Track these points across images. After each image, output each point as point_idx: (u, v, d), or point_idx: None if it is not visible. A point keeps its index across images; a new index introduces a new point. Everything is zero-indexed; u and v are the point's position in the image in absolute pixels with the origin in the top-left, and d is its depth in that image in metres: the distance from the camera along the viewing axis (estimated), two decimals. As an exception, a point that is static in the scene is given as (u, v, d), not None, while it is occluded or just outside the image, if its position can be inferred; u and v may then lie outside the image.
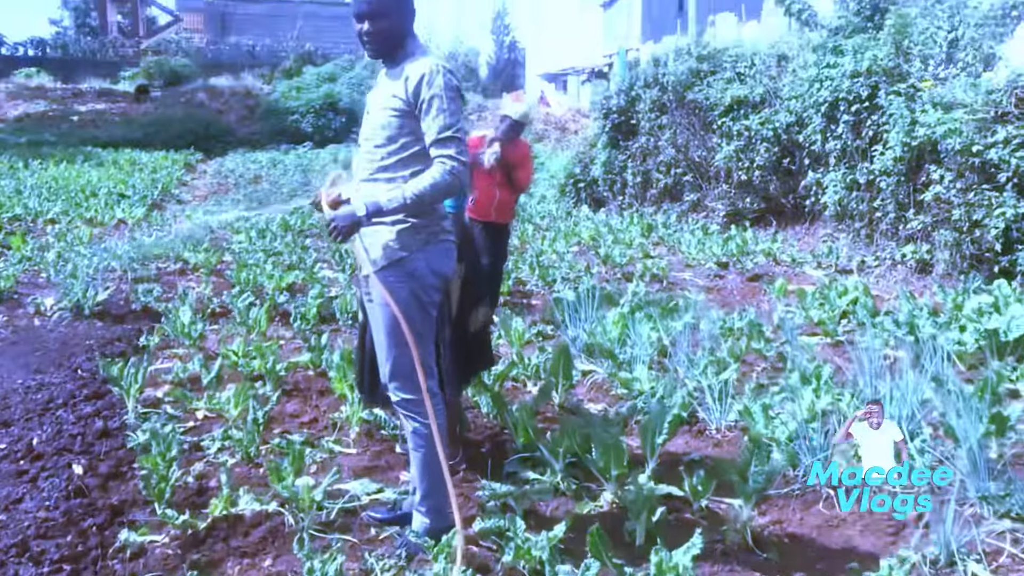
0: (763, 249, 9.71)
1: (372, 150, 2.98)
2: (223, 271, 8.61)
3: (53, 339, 6.12)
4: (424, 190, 2.82)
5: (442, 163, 2.83)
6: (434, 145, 2.85)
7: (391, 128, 2.93)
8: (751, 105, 11.43)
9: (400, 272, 2.94)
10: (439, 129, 2.83)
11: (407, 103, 2.88)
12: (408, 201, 2.82)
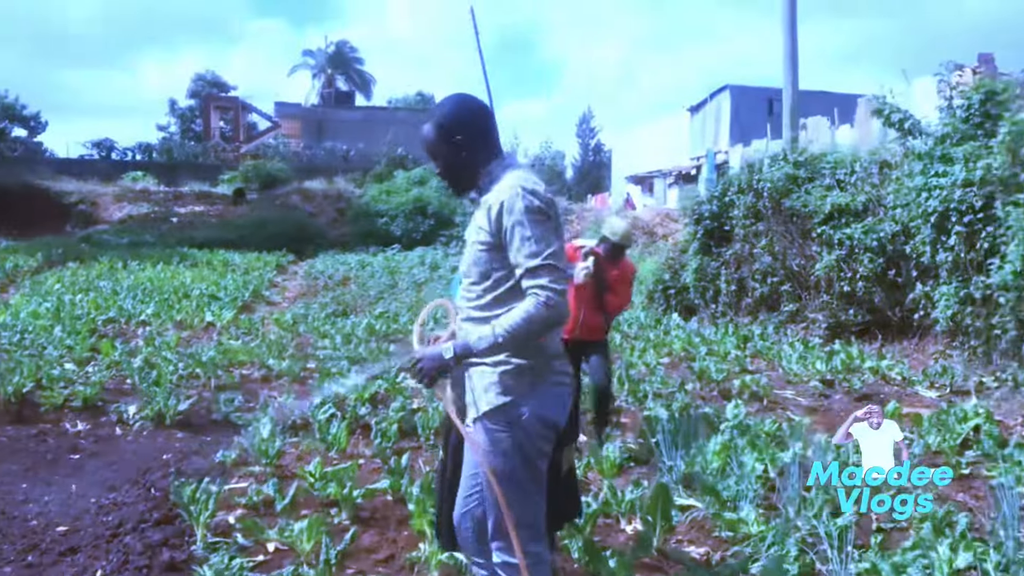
0: (870, 366, 9.12)
1: (469, 287, 2.75)
2: (306, 379, 8.46)
3: (132, 451, 5.99)
4: (517, 326, 2.55)
5: (535, 295, 2.56)
6: (525, 276, 2.59)
7: (482, 263, 2.69)
8: (853, 213, 10.98)
9: (503, 420, 2.64)
10: (527, 257, 2.57)
11: (492, 235, 2.64)
12: (499, 339, 2.55)
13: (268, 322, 12.56)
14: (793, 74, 16.07)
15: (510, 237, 2.59)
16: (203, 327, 11.95)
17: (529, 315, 2.55)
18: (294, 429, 6.66)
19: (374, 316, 13.11)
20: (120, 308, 12.73)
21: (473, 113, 2.74)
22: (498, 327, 2.57)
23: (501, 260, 2.66)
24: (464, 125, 2.71)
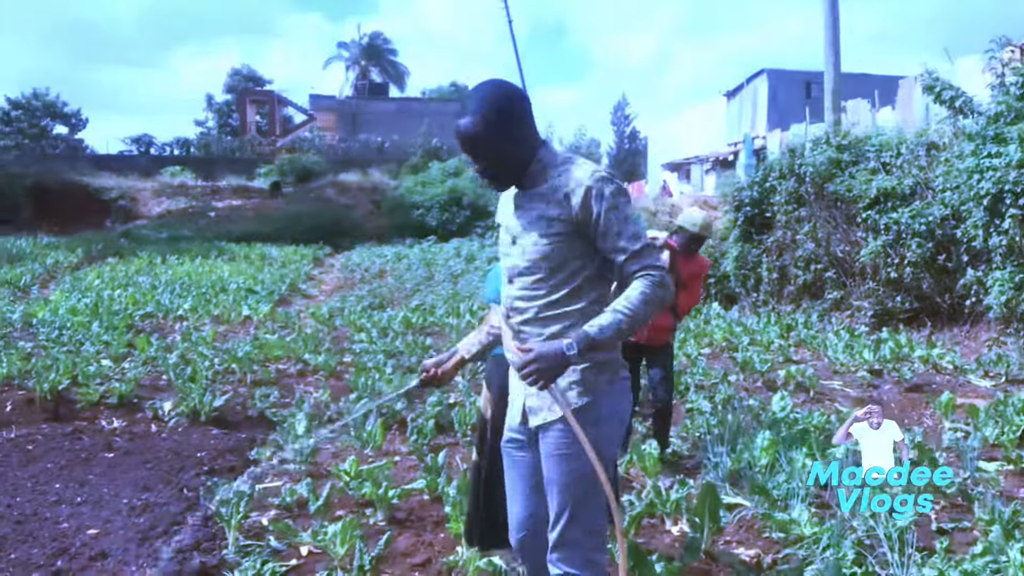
0: (920, 355, 8.83)
1: (531, 287, 2.50)
2: (343, 373, 8.37)
3: (166, 449, 5.91)
4: (637, 308, 2.37)
5: (648, 275, 2.40)
6: (631, 259, 2.41)
7: (555, 256, 2.46)
8: (900, 197, 10.66)
9: (585, 421, 2.43)
10: (629, 240, 2.42)
11: (572, 222, 2.44)
12: (623, 325, 2.36)
13: (304, 316, 12.52)
14: (835, 55, 15.68)
15: (604, 222, 2.41)
16: (240, 321, 11.93)
17: (646, 296, 2.38)
18: (330, 423, 6.57)
19: (410, 309, 13.01)
20: (158, 303, 12.76)
21: (515, 99, 2.50)
22: (619, 311, 2.37)
23: (581, 248, 2.48)
24: (509, 113, 2.47)
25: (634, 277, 2.42)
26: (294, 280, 16.66)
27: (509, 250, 2.57)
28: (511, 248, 2.56)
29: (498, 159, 2.49)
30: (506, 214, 2.63)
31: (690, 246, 5.41)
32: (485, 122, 2.43)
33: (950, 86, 9.78)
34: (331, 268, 20.76)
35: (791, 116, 29.49)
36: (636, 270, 2.42)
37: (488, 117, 2.43)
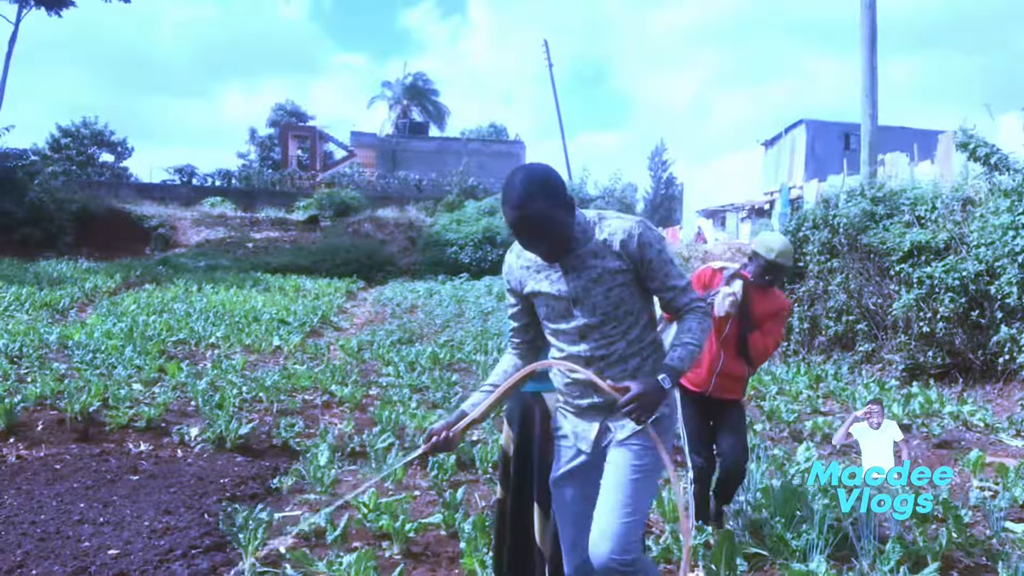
0: (950, 411, 8.70)
1: (609, 335, 2.70)
2: (367, 406, 8.42)
3: (190, 474, 5.98)
4: (700, 337, 2.71)
5: (698, 307, 2.75)
6: (679, 295, 2.74)
7: (626, 301, 2.70)
8: (933, 251, 10.59)
9: (661, 430, 2.71)
10: (677, 279, 2.73)
11: (631, 270, 2.68)
12: (696, 354, 2.70)
13: (334, 348, 12.63)
14: (872, 107, 15.68)
15: (656, 265, 2.67)
16: (270, 351, 12.05)
17: (703, 326, 2.72)
18: (353, 456, 6.62)
19: (438, 344, 13.07)
20: (191, 330, 12.92)
21: (551, 173, 2.64)
22: (689, 344, 2.68)
23: (639, 290, 2.73)
24: (554, 187, 2.59)
25: (685, 310, 2.74)
26: (326, 312, 16.80)
27: (571, 312, 2.71)
28: (574, 310, 2.70)
29: (555, 234, 2.60)
30: (549, 281, 2.74)
31: (765, 276, 4.58)
32: (540, 204, 2.54)
33: (984, 143, 9.74)
34: (363, 302, 20.91)
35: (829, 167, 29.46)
36: (686, 303, 2.74)
37: (540, 199, 2.55)
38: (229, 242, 28.96)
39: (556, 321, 2.75)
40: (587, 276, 2.66)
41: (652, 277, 2.69)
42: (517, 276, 2.83)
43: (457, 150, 43.70)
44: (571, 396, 2.79)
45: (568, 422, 2.84)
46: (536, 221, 2.56)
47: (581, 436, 2.79)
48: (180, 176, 41.50)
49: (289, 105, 52.44)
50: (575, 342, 2.71)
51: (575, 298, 2.68)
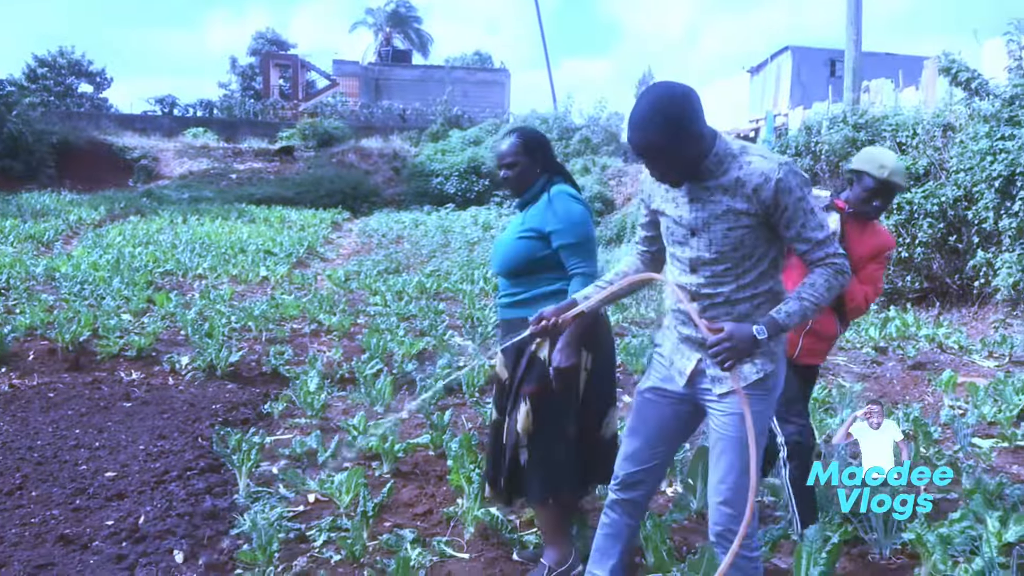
0: (926, 334, 8.90)
1: (720, 275, 2.58)
2: (355, 334, 8.54)
3: (182, 400, 6.11)
4: (822, 296, 2.51)
5: (832, 263, 2.53)
6: (815, 248, 2.53)
7: (746, 245, 2.55)
8: (914, 177, 10.69)
9: (762, 390, 2.61)
10: (814, 230, 2.52)
11: (760, 217, 2.52)
12: (808, 313, 2.52)
13: (321, 278, 12.71)
14: (856, 34, 15.60)
15: (792, 212, 2.49)
16: (257, 282, 12.13)
17: (830, 285, 2.52)
18: (342, 382, 6.76)
19: (425, 274, 13.17)
20: (177, 262, 12.97)
21: (683, 101, 2.46)
22: (806, 300, 2.50)
23: (767, 235, 2.57)
24: (679, 117, 2.43)
25: (817, 264, 2.54)
26: (312, 243, 16.84)
27: (688, 241, 2.62)
28: (690, 240, 2.61)
29: (675, 163, 2.49)
30: (674, 204, 2.65)
31: (873, 202, 3.63)
32: (658, 132, 2.42)
33: (966, 68, 9.74)
34: (349, 233, 20.92)
35: (814, 94, 29.30)
36: (820, 257, 2.53)
37: (660, 126, 2.42)
38: (212, 173, 28.73)
39: (673, 246, 2.68)
40: (711, 210, 2.55)
41: (788, 225, 2.52)
42: (648, 188, 2.77)
43: (441, 78, 43.12)
44: (676, 321, 2.74)
45: (669, 344, 2.79)
46: (653, 148, 2.46)
47: (676, 366, 2.74)
48: (161, 107, 40.94)
49: (270, 34, 51.46)
50: (686, 272, 2.64)
51: (694, 228, 2.59)
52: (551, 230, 3.25)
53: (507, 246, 3.38)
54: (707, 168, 2.53)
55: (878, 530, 3.87)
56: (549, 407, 3.28)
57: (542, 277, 3.31)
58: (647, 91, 2.49)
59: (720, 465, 2.68)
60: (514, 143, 3.40)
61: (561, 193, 3.33)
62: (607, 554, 2.96)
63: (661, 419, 2.82)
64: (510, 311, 3.40)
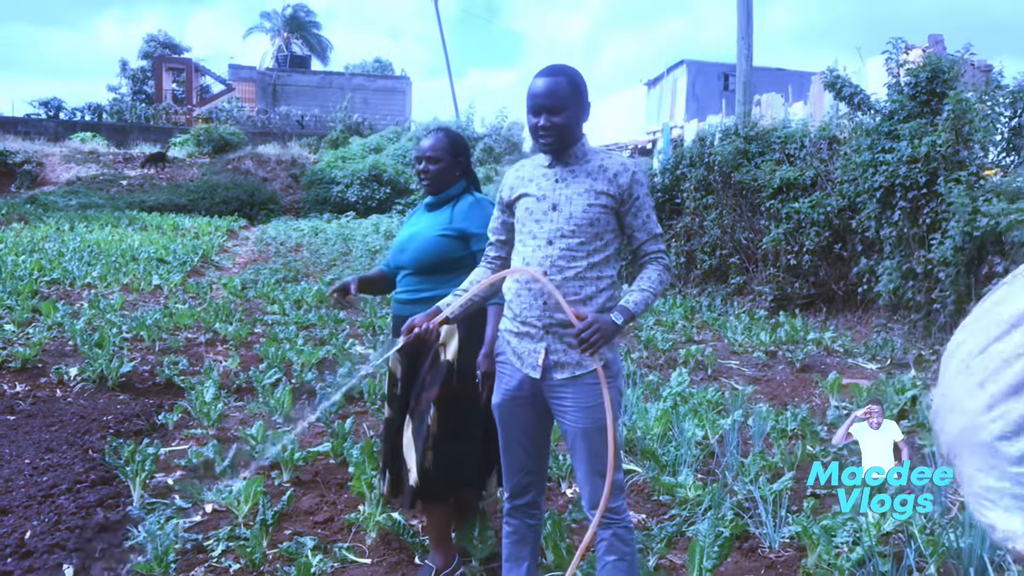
0: (813, 338, 9.28)
1: (574, 248, 2.75)
2: (253, 343, 8.39)
3: (71, 413, 5.90)
4: (658, 288, 2.79)
5: (661, 258, 2.84)
6: (651, 240, 2.84)
7: (600, 225, 2.76)
8: (801, 188, 11.12)
9: (607, 375, 2.72)
10: (654, 224, 2.85)
11: (617, 200, 2.78)
12: (650, 301, 2.77)
13: (216, 287, 12.42)
14: (748, 49, 16.15)
15: (639, 204, 2.79)
16: (150, 291, 11.77)
17: (662, 278, 2.80)
18: (239, 392, 6.63)
19: (325, 283, 13.01)
20: (65, 270, 12.48)
21: (584, 82, 2.82)
22: (646, 291, 2.75)
23: (615, 223, 2.81)
24: (583, 86, 2.79)
25: (650, 257, 2.82)
26: (207, 251, 16.43)
27: (548, 216, 2.79)
28: (551, 214, 2.78)
29: (565, 119, 2.73)
30: (536, 185, 2.84)
31: None
32: (570, 84, 2.74)
33: (849, 83, 10.20)
34: (246, 241, 20.50)
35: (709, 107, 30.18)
36: (654, 251, 2.82)
37: (573, 82, 2.75)
38: (102, 179, 27.76)
39: (530, 224, 2.82)
40: (574, 188, 2.77)
41: (636, 214, 2.79)
42: (511, 184, 2.93)
43: (341, 85, 42.71)
44: (521, 311, 2.82)
45: (511, 346, 2.88)
46: (555, 94, 2.72)
47: (528, 360, 2.82)
48: (46, 110, 39.29)
49: (162, 36, 50.00)
50: (542, 247, 2.77)
51: (555, 203, 2.78)
52: (476, 232, 3.33)
53: (425, 242, 3.40)
54: (574, 155, 2.81)
55: (767, 524, 4.03)
56: (455, 409, 3.31)
57: (451, 277, 3.33)
58: (567, 65, 2.83)
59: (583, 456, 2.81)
60: (441, 139, 3.48)
61: (484, 200, 3.46)
62: (518, 558, 3.05)
63: (525, 424, 2.93)
64: (408, 308, 3.39)
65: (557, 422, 2.88)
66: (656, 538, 3.70)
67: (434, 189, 3.48)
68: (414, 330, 2.86)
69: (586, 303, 2.73)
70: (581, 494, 2.88)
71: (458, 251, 3.38)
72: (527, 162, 2.95)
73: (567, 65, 2.83)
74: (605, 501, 2.64)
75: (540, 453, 3.01)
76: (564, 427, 2.83)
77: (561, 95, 2.72)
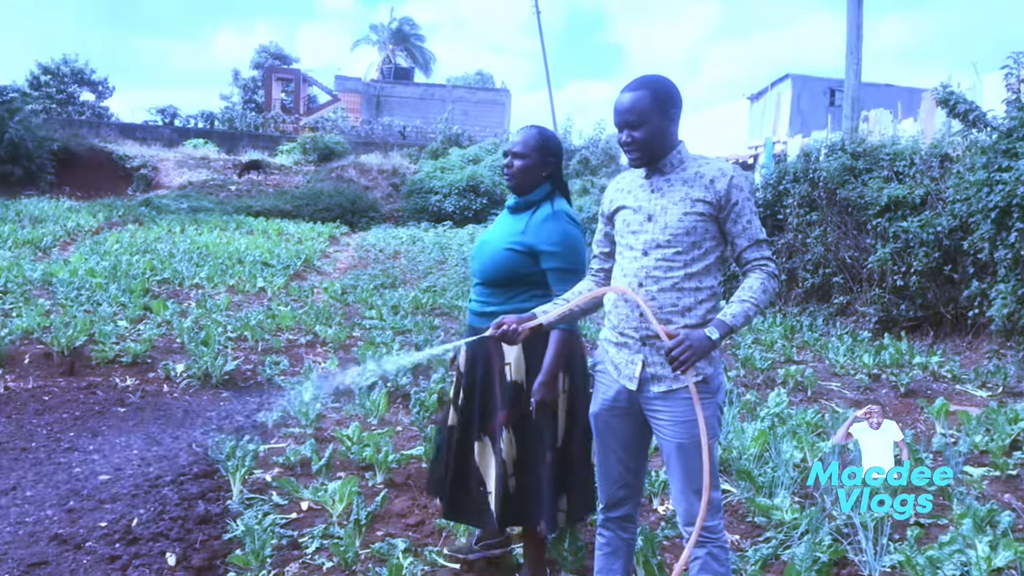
0: (919, 362, 8.94)
1: (670, 258, 2.70)
2: (351, 346, 8.55)
3: (177, 408, 6.12)
4: (761, 299, 2.65)
5: (764, 266, 2.72)
6: (752, 248, 2.73)
7: (697, 233, 2.70)
8: (910, 206, 10.73)
9: (706, 390, 2.69)
10: (757, 230, 2.73)
11: (715, 207, 2.70)
12: (751, 314, 2.63)
13: (317, 291, 12.71)
14: (856, 63, 15.73)
15: (739, 210, 2.70)
16: (255, 293, 12.14)
17: (766, 287, 2.67)
18: (336, 394, 6.76)
19: (421, 290, 13.18)
20: (175, 271, 12.97)
21: (675, 91, 2.75)
22: (746, 302, 2.63)
23: (715, 231, 2.73)
24: (670, 97, 2.71)
25: (752, 265, 2.72)
26: (309, 256, 16.84)
27: (643, 227, 2.75)
28: (646, 224, 2.75)
29: (649, 134, 2.69)
30: (633, 197, 2.82)
31: None
32: (653, 97, 2.68)
33: (964, 100, 9.80)
34: (346, 247, 20.93)
35: (813, 122, 29.48)
36: (757, 258, 2.72)
37: (656, 94, 2.69)
38: (212, 184, 28.78)
39: (627, 236, 2.80)
40: (670, 197, 2.72)
41: (736, 220, 2.70)
42: (611, 197, 2.91)
43: (442, 97, 43.36)
44: (619, 321, 2.80)
45: (609, 355, 2.86)
46: (636, 111, 2.67)
47: (625, 372, 2.79)
48: (162, 117, 40.95)
49: (273, 47, 51.69)
50: (637, 258, 2.75)
51: (651, 214, 2.74)
52: (545, 250, 3.16)
53: (494, 254, 3.26)
54: (670, 163, 2.76)
55: (867, 551, 3.89)
56: (530, 431, 3.23)
57: (520, 292, 3.23)
58: (647, 75, 2.76)
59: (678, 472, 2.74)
60: (532, 135, 3.32)
61: (562, 213, 3.25)
62: (610, 571, 3.02)
63: (621, 435, 2.89)
64: (480, 319, 3.28)
65: (654, 435, 2.84)
66: (751, 560, 3.62)
67: (518, 188, 3.29)
68: (502, 326, 2.81)
69: (684, 314, 2.69)
70: (676, 511, 2.83)
71: (526, 267, 3.20)
72: (627, 174, 2.92)
73: (654, 76, 2.76)
74: (701, 519, 2.58)
75: (637, 466, 2.96)
76: (660, 441, 2.79)
77: (642, 110, 2.68)
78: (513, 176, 3.29)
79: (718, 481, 2.81)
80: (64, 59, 43.50)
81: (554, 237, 3.16)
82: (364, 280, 14.24)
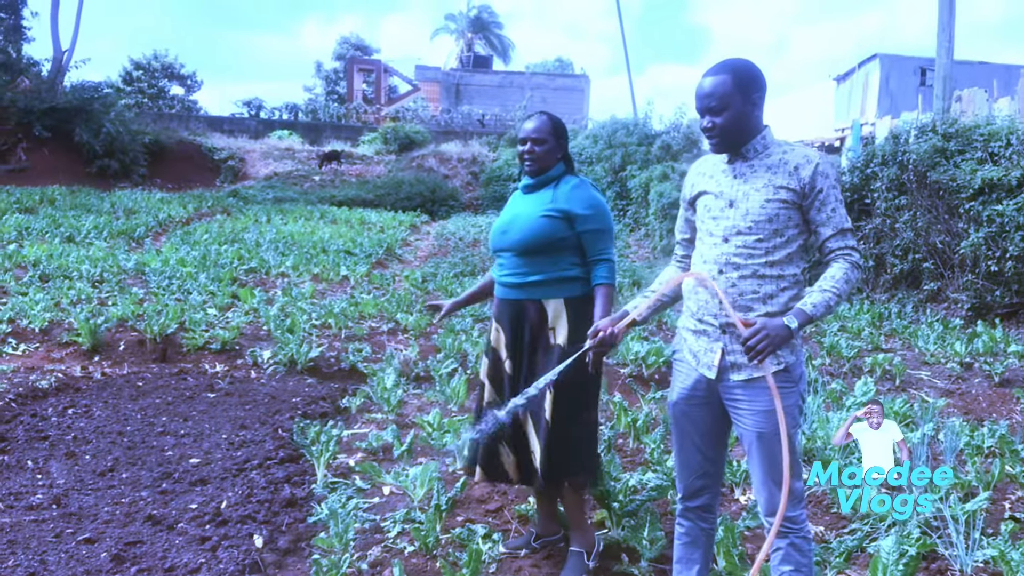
0: (1015, 351, 8.61)
1: (751, 245, 2.67)
2: (431, 334, 8.64)
3: (263, 393, 6.28)
4: (843, 288, 2.62)
5: (848, 255, 2.67)
6: (837, 235, 2.68)
7: (780, 220, 2.67)
8: (1006, 189, 10.33)
9: (787, 379, 2.66)
10: (841, 218, 2.68)
11: (799, 194, 2.66)
12: (832, 303, 2.59)
13: (399, 279, 12.88)
14: (949, 41, 15.18)
15: (824, 198, 2.65)
16: (338, 281, 12.35)
17: (848, 276, 2.63)
18: (418, 380, 6.86)
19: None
20: (261, 260, 13.28)
21: (759, 75, 2.72)
22: (827, 291, 2.60)
23: (799, 218, 2.70)
24: (754, 82, 2.69)
25: (836, 254, 2.67)
26: (391, 245, 17.06)
27: (724, 213, 2.73)
28: (727, 211, 2.72)
29: (731, 118, 2.66)
30: (715, 182, 2.79)
31: None
32: (735, 81, 2.64)
33: (1065, 75, 9.41)
34: (427, 235, 21.13)
35: (903, 103, 28.62)
36: (841, 247, 2.67)
37: (739, 78, 2.65)
38: (296, 175, 29.35)
39: (708, 222, 2.78)
40: (752, 184, 2.69)
41: (820, 208, 2.66)
42: (692, 182, 2.90)
43: (521, 84, 43.35)
44: (698, 308, 2.78)
45: (687, 343, 2.85)
46: (717, 95, 2.64)
47: (704, 361, 2.77)
48: (248, 109, 41.97)
49: (355, 39, 52.44)
50: (718, 244, 2.73)
51: (732, 199, 2.72)
52: (580, 213, 3.35)
53: (530, 223, 3.40)
54: (754, 148, 2.71)
55: (958, 545, 3.77)
56: (571, 394, 3.32)
57: (559, 259, 3.37)
58: (730, 58, 2.72)
59: (758, 462, 2.72)
60: (545, 122, 3.50)
61: (587, 181, 3.52)
62: (689, 561, 3.00)
63: (700, 424, 2.87)
64: (517, 292, 3.46)
65: (734, 425, 2.81)
66: (835, 552, 3.56)
67: (537, 170, 3.48)
68: (599, 334, 2.82)
69: (765, 302, 2.65)
70: (757, 501, 2.80)
71: (562, 231, 3.35)
72: (709, 157, 2.88)
73: (736, 59, 2.71)
74: (783, 509, 2.55)
75: (716, 456, 2.94)
76: (740, 431, 2.76)
77: (723, 94, 2.63)
78: (536, 160, 3.47)
79: (800, 471, 2.75)
80: (155, 54, 44.90)
81: (586, 201, 3.39)
82: (444, 268, 14.37)
